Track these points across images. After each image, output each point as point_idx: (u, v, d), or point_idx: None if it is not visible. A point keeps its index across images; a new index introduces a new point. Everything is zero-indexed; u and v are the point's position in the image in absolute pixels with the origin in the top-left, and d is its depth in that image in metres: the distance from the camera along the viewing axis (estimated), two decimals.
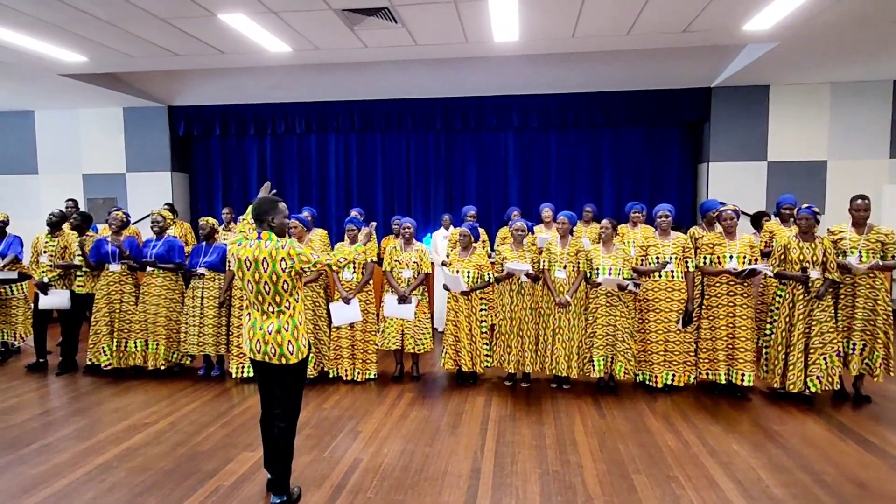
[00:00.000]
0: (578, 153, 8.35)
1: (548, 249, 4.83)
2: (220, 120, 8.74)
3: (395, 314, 4.96)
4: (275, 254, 2.83)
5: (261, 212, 2.89)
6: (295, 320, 2.90)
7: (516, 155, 8.45)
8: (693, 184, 8.26)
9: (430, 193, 8.61)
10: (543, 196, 8.34)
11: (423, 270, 5.04)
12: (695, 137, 8.21)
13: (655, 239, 4.77)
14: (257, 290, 2.86)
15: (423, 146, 8.62)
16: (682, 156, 8.19)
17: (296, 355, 2.90)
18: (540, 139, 8.41)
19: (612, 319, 4.69)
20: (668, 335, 4.66)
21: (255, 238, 2.89)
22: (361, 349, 5.03)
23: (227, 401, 4.65)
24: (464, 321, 4.91)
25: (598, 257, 4.73)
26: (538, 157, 8.44)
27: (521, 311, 4.82)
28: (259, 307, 2.89)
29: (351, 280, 4.95)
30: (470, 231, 4.97)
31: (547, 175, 8.43)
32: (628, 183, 8.29)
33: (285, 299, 2.87)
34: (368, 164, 8.75)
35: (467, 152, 8.56)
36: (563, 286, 4.74)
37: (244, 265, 2.87)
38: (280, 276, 2.83)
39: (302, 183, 8.92)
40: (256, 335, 2.88)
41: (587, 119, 8.09)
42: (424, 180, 8.63)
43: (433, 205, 8.59)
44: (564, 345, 4.72)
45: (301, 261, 2.87)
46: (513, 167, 8.45)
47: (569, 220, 4.80)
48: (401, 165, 8.68)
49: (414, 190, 8.66)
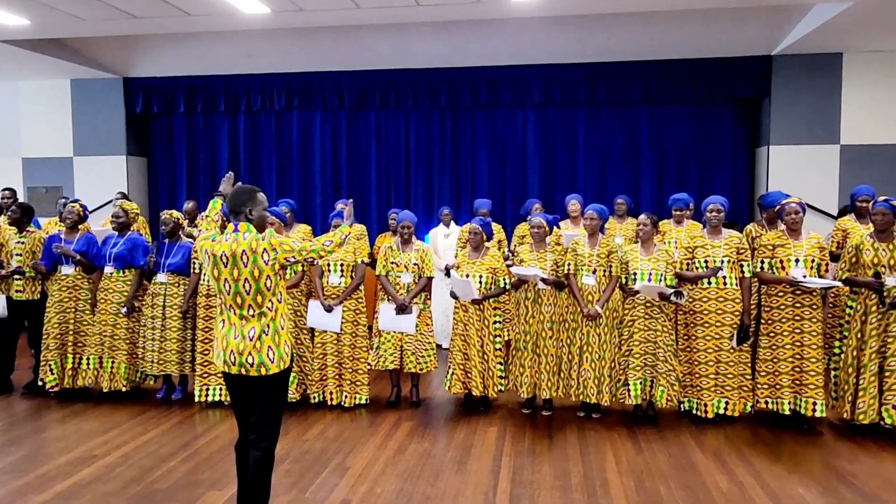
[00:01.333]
0: (611, 135, 8.33)
1: (573, 250, 4.81)
2: (185, 94, 8.77)
3: (393, 327, 4.94)
4: (255, 246, 2.88)
5: (237, 203, 2.95)
6: (277, 324, 2.94)
7: (537, 137, 8.43)
8: (750, 172, 8.22)
9: (434, 183, 8.62)
10: (569, 186, 8.31)
11: (426, 274, 5.04)
12: (752, 116, 8.16)
13: (704, 238, 4.74)
14: (236, 289, 2.90)
15: (426, 127, 8.62)
16: (737, 138, 8.15)
17: (276, 364, 2.92)
18: (565, 118, 8.38)
19: (651, 335, 4.65)
20: (719, 354, 4.62)
21: (232, 231, 2.94)
22: (350, 369, 5.01)
23: (190, 429, 4.63)
24: (474, 336, 4.89)
25: (635, 260, 4.70)
26: (563, 139, 8.41)
27: (540, 324, 4.80)
28: (238, 310, 2.93)
29: (338, 285, 4.94)
30: (482, 228, 4.95)
31: (573, 161, 8.41)
32: (671, 171, 8.25)
33: (268, 299, 2.92)
34: (360, 148, 8.76)
35: (478, 134, 8.55)
36: (592, 294, 4.71)
37: (220, 262, 2.91)
38: (263, 270, 2.88)
39: (281, 170, 8.94)
40: (231, 344, 2.92)
41: (622, 94, 8.04)
42: (427, 168, 8.63)
43: (437, 197, 8.60)
44: (594, 365, 4.69)
45: (284, 250, 2.91)
46: (533, 152, 8.43)
47: (599, 214, 4.78)
48: (399, 150, 8.68)
49: (414, 179, 8.66)
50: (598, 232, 4.82)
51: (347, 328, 4.97)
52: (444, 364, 5.35)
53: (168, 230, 5.22)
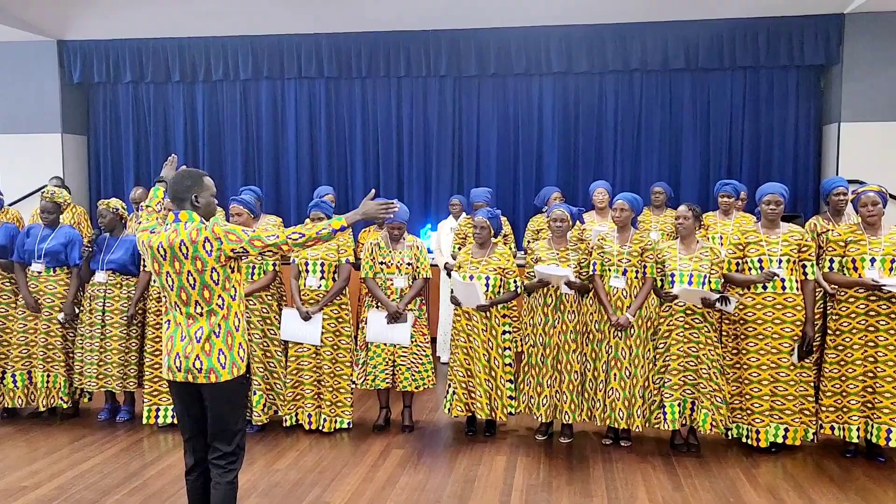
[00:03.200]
0: (646, 110, 8.34)
1: (601, 247, 4.86)
2: (133, 61, 8.79)
3: (384, 338, 4.99)
4: (195, 235, 2.96)
5: (181, 188, 3.04)
6: (229, 323, 3.02)
7: (556, 112, 8.44)
8: (815, 154, 8.24)
9: (431, 168, 8.63)
10: (595, 171, 8.34)
11: (422, 275, 5.09)
12: (819, 87, 8.19)
13: (758, 233, 4.76)
14: (180, 284, 3.00)
15: (422, 99, 8.62)
16: (801, 114, 8.18)
17: (229, 370, 3.00)
18: (590, 90, 8.39)
19: (692, 348, 4.70)
20: (776, 372, 4.64)
21: (172, 220, 3.04)
22: (331, 387, 5.05)
23: (138, 457, 4.66)
24: (480, 348, 4.94)
25: (674, 259, 4.74)
26: (588, 115, 8.42)
27: (562, 334, 4.84)
28: (183, 308, 3.02)
29: (318, 288, 5.00)
30: (488, 220, 5.01)
31: (600, 141, 8.42)
32: (719, 153, 8.27)
33: (217, 295, 3.00)
34: (343, 126, 8.77)
35: (485, 108, 8.54)
36: (621, 300, 4.75)
37: (158, 255, 3.01)
38: (206, 262, 2.97)
39: (247, 151, 8.96)
40: (177, 347, 3.01)
41: (660, 59, 8.07)
42: (423, 149, 8.64)
43: (435, 183, 8.60)
44: (623, 384, 4.72)
45: (230, 240, 2.97)
46: (550, 130, 8.44)
47: (631, 205, 4.81)
48: (389, 128, 8.68)
49: (408, 163, 8.67)
50: (629, 226, 4.84)
51: (328, 340, 5.00)
52: (442, 381, 5.36)
53: (106, 224, 5.25)
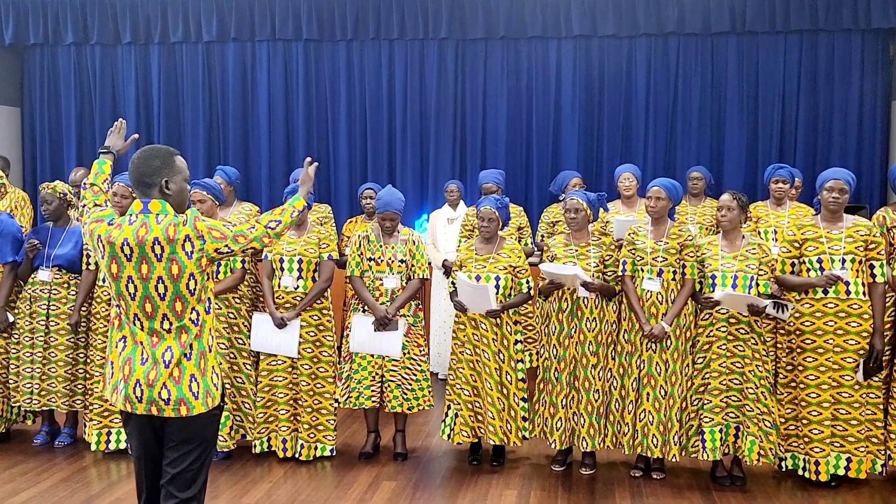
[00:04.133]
0: (684, 81, 8.35)
1: (631, 242, 4.84)
2: (76, 19, 8.76)
3: (370, 348, 4.98)
4: (173, 232, 2.90)
5: (147, 170, 2.96)
6: (203, 343, 2.99)
7: (576, 83, 8.44)
8: (884, 135, 8.22)
9: (429, 147, 8.63)
10: (622, 153, 8.35)
11: (418, 274, 5.09)
12: (889, 54, 8.16)
13: (817, 227, 4.74)
14: (145, 293, 2.92)
15: (418, 67, 8.61)
16: (866, 86, 8.14)
17: (202, 401, 2.95)
18: (618, 56, 8.40)
19: (737, 364, 4.67)
20: (838, 392, 4.63)
21: (140, 211, 2.95)
22: (310, 407, 5.05)
23: (82, 488, 4.63)
24: (491, 362, 4.93)
25: (715, 257, 4.71)
26: (614, 86, 8.43)
27: (580, 346, 4.84)
28: (147, 323, 2.95)
29: (295, 289, 4.98)
30: (496, 210, 4.97)
31: (628, 117, 8.44)
32: (769, 132, 8.26)
33: (191, 307, 2.96)
34: (324, 97, 8.76)
35: (492, 78, 8.54)
36: (656, 305, 4.73)
37: (120, 255, 2.91)
38: (185, 266, 2.92)
39: (210, 126, 8.94)
40: (137, 372, 2.93)
41: (700, 21, 8.08)
42: (420, 125, 8.64)
43: (433, 166, 8.60)
44: (658, 405, 4.71)
45: (214, 238, 2.95)
46: (570, 104, 8.45)
47: (669, 193, 4.80)
48: (379, 100, 8.67)
49: (401, 142, 8.66)
50: (665, 217, 4.83)
51: (307, 351, 4.99)
52: (440, 401, 5.37)
53: (52, 212, 5.26)
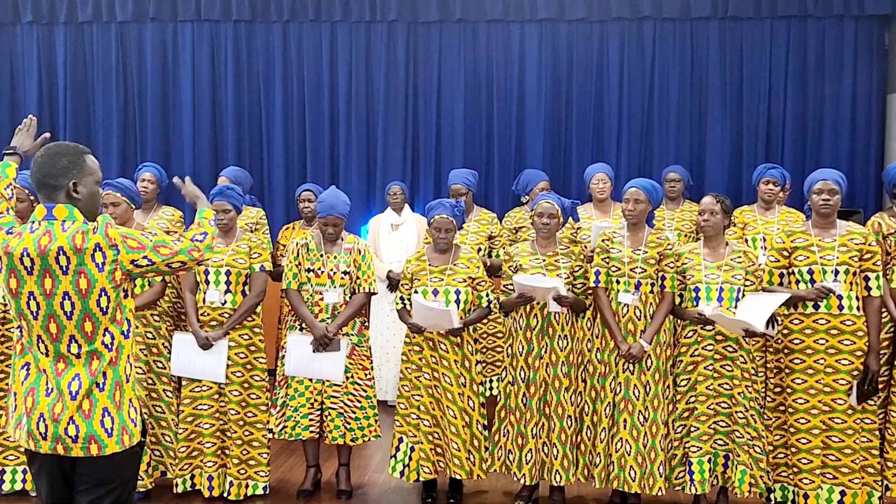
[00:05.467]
0: (661, 71, 8.45)
1: (604, 250, 4.91)
2: None
3: (308, 371, 5.02)
4: (80, 241, 2.88)
5: (53, 171, 2.94)
6: (119, 371, 2.97)
7: (542, 72, 8.49)
8: (878, 132, 8.38)
9: (377, 144, 8.62)
10: (593, 150, 8.41)
11: (364, 288, 5.13)
12: (883, 43, 8.33)
13: (808, 235, 4.80)
14: (48, 311, 2.91)
15: (364, 54, 8.62)
16: (860, 78, 8.30)
17: (117, 438, 2.95)
18: (587, 43, 8.47)
19: (725, 385, 4.73)
20: (830, 417, 4.70)
21: (43, 217, 2.95)
22: (241, 439, 5.04)
23: None
24: (454, 387, 4.95)
25: (698, 267, 4.79)
26: (583, 75, 8.50)
27: (551, 367, 4.88)
28: (52, 347, 2.94)
29: (222, 305, 4.99)
30: (451, 215, 5.02)
31: (599, 110, 8.50)
32: (755, 128, 8.38)
33: (103, 329, 2.94)
34: (257, 86, 8.74)
35: (448, 66, 8.57)
36: (634, 321, 4.81)
37: (20, 267, 2.91)
38: (95, 281, 2.89)
39: (125, 118, 8.86)
40: (41, 405, 2.92)
41: (679, 5, 8.21)
42: (366, 119, 8.63)
43: (381, 164, 8.59)
44: (637, 432, 4.76)
45: (130, 248, 2.94)
46: (535, 96, 8.49)
47: (648, 195, 4.88)
48: (319, 89, 8.66)
49: (345, 136, 8.65)
50: (643, 223, 4.91)
51: (236, 375, 5.00)
52: (388, 431, 5.35)
53: None
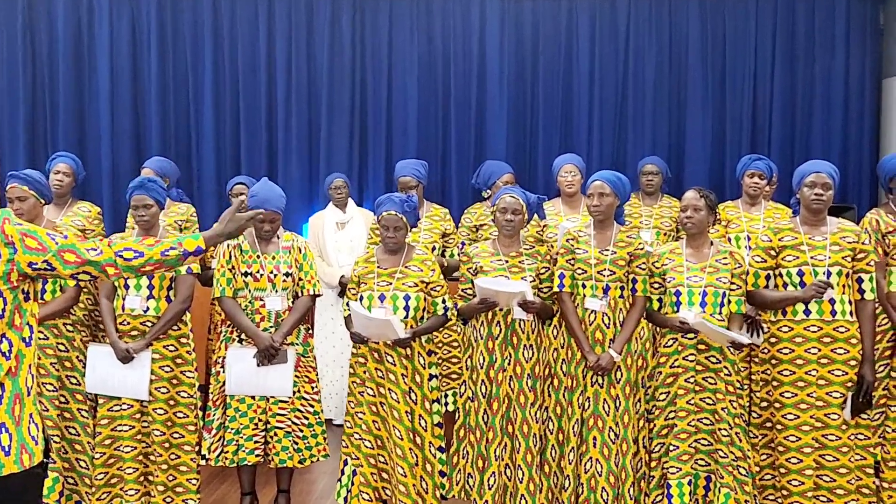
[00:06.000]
0: (636, 51, 8.50)
1: (569, 251, 4.92)
2: None
3: (254, 389, 5.02)
4: None
5: None
6: (19, 383, 3.01)
7: (505, 51, 8.52)
8: (874, 120, 8.47)
9: (320, 130, 8.61)
10: (562, 139, 8.46)
11: (308, 290, 5.16)
12: (878, 24, 8.41)
13: (797, 233, 4.83)
14: None
15: (305, 28, 8.60)
16: (853, 61, 8.38)
17: (15, 458, 2.97)
18: (555, 19, 8.50)
19: (708, 399, 4.75)
20: (822, 434, 4.70)
21: None
22: (166, 464, 5.04)
23: None
24: (401, 404, 4.92)
25: (679, 269, 4.80)
26: (550, 56, 8.54)
27: (515, 380, 4.89)
28: None
29: (145, 313, 4.97)
30: (401, 212, 4.99)
31: (568, 95, 8.55)
32: (740, 116, 8.46)
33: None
34: (184, 63, 8.68)
35: (399, 43, 8.58)
36: (602, 329, 4.81)
37: None
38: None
39: (34, 101, 8.73)
40: None
41: None
42: (307, 101, 8.64)
43: (325, 153, 8.58)
44: (607, 451, 4.78)
45: (29, 248, 2.98)
46: (496, 78, 8.52)
47: (614, 188, 4.89)
48: (255, 67, 8.63)
49: (283, 121, 8.65)
50: (611, 220, 4.92)
51: (161, 391, 5.00)
52: (336, 453, 5.36)
53: None
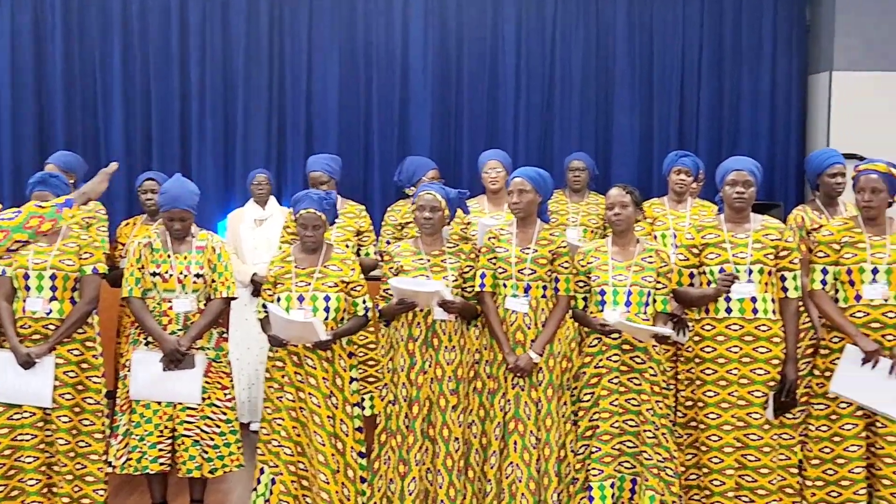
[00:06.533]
0: (563, 44, 8.52)
1: (490, 250, 4.94)
2: None
3: (159, 394, 5.00)
4: None
5: None
6: None
7: (428, 44, 8.53)
8: (801, 115, 8.59)
9: (236, 125, 8.57)
10: (488, 135, 8.47)
11: (221, 293, 5.13)
12: (805, 22, 8.53)
13: (720, 231, 4.86)
14: None
15: (220, 18, 8.50)
16: (779, 58, 8.48)
17: None
18: (479, 12, 8.50)
19: (632, 400, 4.76)
20: (745, 434, 4.74)
21: None
22: (71, 475, 4.99)
23: None
24: (322, 409, 4.91)
25: (604, 268, 4.82)
26: (475, 48, 8.54)
27: (436, 383, 4.91)
28: None
29: (47, 315, 4.91)
30: (319, 209, 4.96)
31: (494, 89, 8.57)
32: (667, 112, 8.53)
33: None
34: (92, 52, 8.54)
35: (319, 34, 8.56)
36: (523, 330, 4.83)
37: None
38: None
39: None
40: None
41: None
42: (223, 95, 8.59)
43: (241, 149, 8.54)
44: (528, 456, 4.79)
45: None
46: (420, 71, 8.53)
47: (535, 185, 4.91)
48: (167, 58, 8.54)
49: (197, 115, 8.58)
50: (534, 217, 4.94)
51: (66, 398, 4.94)
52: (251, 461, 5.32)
53: None
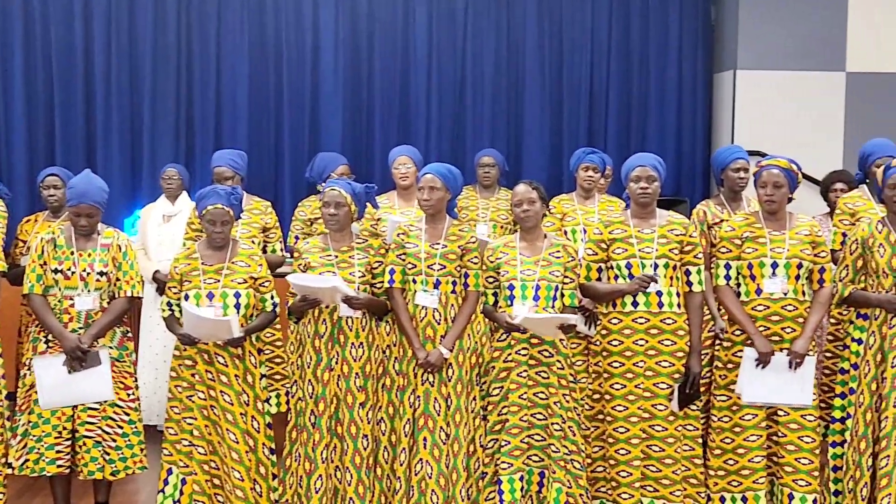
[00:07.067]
0: (474, 39, 8.55)
1: (399, 245, 4.96)
2: None
3: (71, 398, 4.96)
4: None
5: None
6: None
7: (339, 39, 8.53)
8: (706, 113, 8.76)
9: (142, 117, 8.49)
10: (399, 131, 8.50)
11: (126, 291, 5.09)
12: (710, 19, 8.70)
13: (626, 226, 4.92)
14: None
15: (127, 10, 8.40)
16: (685, 56, 8.64)
17: None
18: (391, 8, 8.55)
19: (541, 394, 4.79)
20: (650, 426, 4.82)
21: None
22: None
23: None
24: (235, 406, 4.90)
25: (513, 263, 4.84)
26: (387, 44, 8.58)
27: (340, 380, 4.91)
28: None
29: None
30: (227, 205, 4.94)
31: (405, 84, 8.61)
32: (576, 109, 8.61)
33: None
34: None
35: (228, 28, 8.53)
36: (433, 325, 4.86)
37: None
38: None
39: None
40: None
41: None
42: (129, 89, 8.49)
43: (149, 143, 8.46)
44: (438, 452, 4.81)
45: None
46: (331, 66, 8.54)
47: (444, 181, 4.95)
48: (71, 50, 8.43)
49: (102, 107, 8.47)
50: (443, 213, 4.97)
51: None
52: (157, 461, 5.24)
53: None
